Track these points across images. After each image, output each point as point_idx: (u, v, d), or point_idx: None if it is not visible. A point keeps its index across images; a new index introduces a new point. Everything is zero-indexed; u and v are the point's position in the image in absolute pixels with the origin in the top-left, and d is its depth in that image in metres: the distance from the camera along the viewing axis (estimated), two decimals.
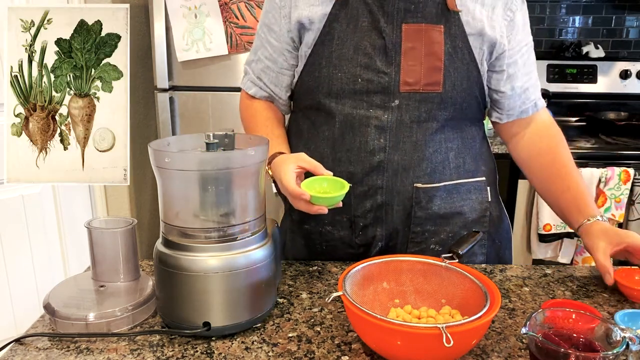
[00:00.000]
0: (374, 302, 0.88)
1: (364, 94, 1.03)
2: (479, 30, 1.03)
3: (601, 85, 2.64)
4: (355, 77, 1.03)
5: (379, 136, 1.03)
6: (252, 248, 0.85)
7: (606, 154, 2.16)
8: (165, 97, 2.15)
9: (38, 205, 2.06)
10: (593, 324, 0.73)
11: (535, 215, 2.13)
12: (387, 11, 1.01)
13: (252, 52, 1.18)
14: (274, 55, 1.12)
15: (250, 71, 1.18)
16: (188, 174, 0.82)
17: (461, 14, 1.02)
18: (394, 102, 1.03)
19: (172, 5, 2.04)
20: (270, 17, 1.10)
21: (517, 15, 1.08)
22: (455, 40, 1.03)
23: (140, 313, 0.90)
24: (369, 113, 1.03)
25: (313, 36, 1.05)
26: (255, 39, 1.16)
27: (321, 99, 1.06)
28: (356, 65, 1.02)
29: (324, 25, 1.04)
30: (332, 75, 1.04)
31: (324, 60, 1.04)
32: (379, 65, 1.02)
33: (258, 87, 1.17)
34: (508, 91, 1.11)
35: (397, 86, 1.02)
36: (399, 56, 1.01)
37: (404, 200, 1.06)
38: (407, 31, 1.01)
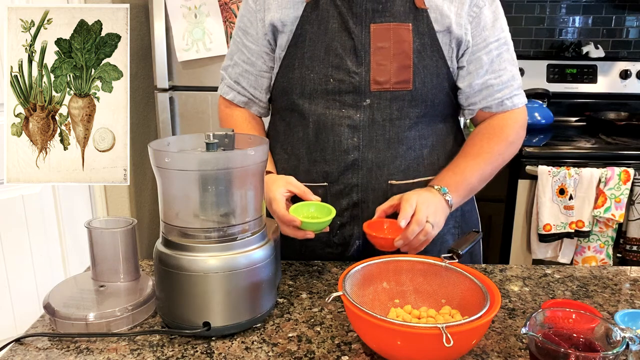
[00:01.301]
0: (374, 302, 0.88)
1: (336, 94, 1.05)
2: (447, 27, 1.04)
3: (601, 85, 2.64)
4: (327, 77, 1.05)
5: (352, 135, 1.05)
6: (252, 248, 0.85)
7: (606, 154, 2.16)
8: (165, 97, 2.15)
9: (38, 205, 2.06)
10: (593, 324, 0.73)
11: (535, 215, 2.13)
12: (355, 12, 1.03)
13: (227, 57, 1.18)
14: (252, 59, 1.13)
15: (227, 76, 1.18)
16: (188, 174, 0.82)
17: (429, 11, 1.03)
18: (365, 102, 1.05)
19: (172, 5, 2.04)
20: (245, 20, 1.12)
21: (484, 11, 1.06)
22: (423, 37, 1.04)
23: (140, 313, 0.89)
24: (342, 113, 1.05)
25: (286, 38, 1.07)
26: (231, 44, 1.17)
27: (295, 99, 1.08)
28: (328, 65, 1.04)
29: (296, 28, 1.06)
30: (304, 76, 1.06)
31: (297, 61, 1.06)
32: (350, 66, 1.04)
33: (236, 91, 1.17)
34: (465, 88, 1.10)
35: (367, 85, 1.04)
36: (368, 56, 1.03)
37: (379, 197, 1.07)
38: (375, 31, 1.03)
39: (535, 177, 2.13)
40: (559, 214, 2.09)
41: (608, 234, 2.10)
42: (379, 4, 1.03)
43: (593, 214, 2.06)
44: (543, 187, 2.09)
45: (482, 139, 1.11)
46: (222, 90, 1.20)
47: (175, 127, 2.20)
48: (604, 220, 2.08)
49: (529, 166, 2.15)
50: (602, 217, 2.06)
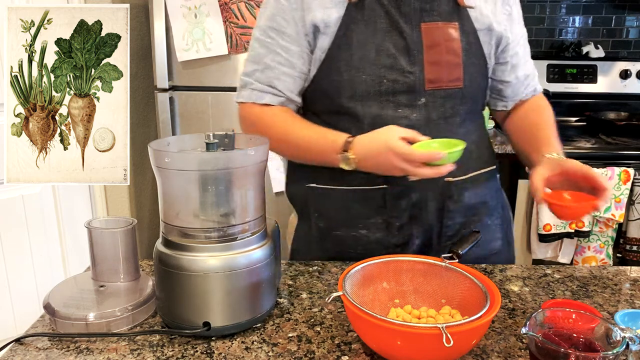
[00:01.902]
0: (374, 302, 0.88)
1: (389, 95, 1.03)
2: (487, 26, 1.08)
3: (601, 85, 2.64)
4: (380, 78, 1.03)
5: None
6: (252, 248, 0.85)
7: (606, 154, 2.16)
8: (165, 97, 2.15)
9: (38, 205, 2.06)
10: (593, 324, 0.73)
11: (535, 215, 2.13)
12: (404, 12, 1.03)
13: (251, 62, 1.10)
14: (291, 60, 1.06)
15: (255, 81, 1.09)
16: (188, 174, 0.82)
17: (470, 10, 1.06)
18: (420, 101, 1.04)
19: (172, 5, 2.04)
20: (279, 20, 1.05)
21: (514, 8, 1.14)
22: (468, 36, 1.06)
23: (140, 313, 0.90)
24: (398, 113, 1.04)
25: (328, 40, 1.03)
26: (255, 47, 1.09)
27: (344, 102, 1.05)
28: (380, 66, 1.02)
29: (339, 29, 1.02)
30: (354, 78, 1.03)
31: (343, 63, 1.03)
32: (404, 65, 1.03)
33: (271, 94, 1.09)
34: (513, 80, 1.17)
35: (422, 84, 1.04)
36: (421, 55, 1.03)
37: (436, 195, 1.07)
38: (426, 30, 1.03)
39: None
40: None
41: (608, 234, 2.10)
42: (426, 3, 1.03)
43: (593, 214, 2.06)
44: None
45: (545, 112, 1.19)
46: (251, 96, 1.09)
47: (175, 127, 2.20)
48: (604, 220, 2.08)
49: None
50: (602, 217, 2.06)
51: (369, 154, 0.97)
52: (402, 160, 0.93)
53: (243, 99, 1.11)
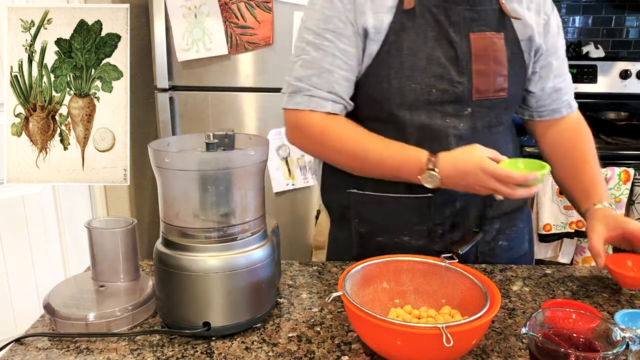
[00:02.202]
0: (374, 302, 0.88)
1: (437, 104, 1.03)
2: (529, 36, 1.08)
3: (601, 85, 2.64)
4: (429, 87, 1.02)
5: (457, 144, 1.03)
6: (252, 248, 0.85)
7: (606, 154, 2.16)
8: (165, 97, 2.15)
9: (38, 205, 2.06)
10: (593, 324, 0.73)
11: (535, 215, 2.13)
12: (454, 21, 1.02)
13: (305, 67, 1.03)
14: (351, 63, 1.03)
15: (312, 87, 1.03)
16: (188, 174, 0.82)
17: (514, 20, 1.06)
18: (466, 110, 1.04)
19: (172, 5, 2.04)
20: (336, 21, 1.02)
21: (552, 18, 1.13)
22: (512, 46, 1.07)
23: (140, 313, 0.89)
24: (446, 123, 1.03)
25: (376, 46, 1.02)
26: (308, 51, 1.03)
27: (393, 110, 1.03)
28: (430, 75, 1.02)
29: (388, 35, 1.01)
30: (404, 86, 1.01)
31: (393, 71, 1.01)
32: (453, 75, 1.02)
33: (332, 101, 1.04)
34: (538, 92, 1.16)
35: (470, 95, 1.04)
36: (469, 65, 1.03)
37: (477, 203, 1.07)
38: (475, 40, 1.03)
39: None
40: (558, 214, 2.09)
41: None
42: (475, 12, 1.03)
43: None
44: (543, 187, 2.08)
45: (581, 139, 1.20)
46: (311, 103, 1.03)
47: (175, 127, 2.20)
48: None
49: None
50: None
51: (457, 172, 0.96)
52: (496, 180, 0.92)
53: (299, 106, 1.04)
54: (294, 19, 2.00)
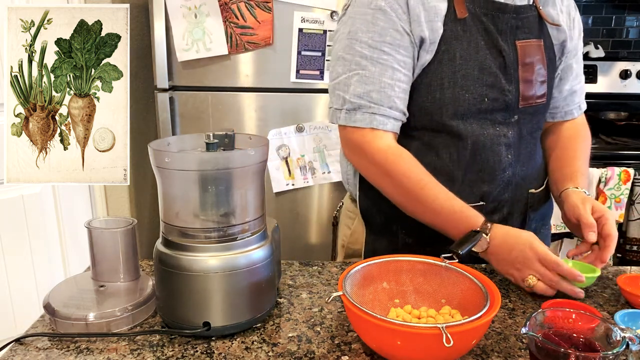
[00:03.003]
0: (374, 302, 0.88)
1: (487, 113, 1.03)
2: (562, 41, 1.10)
3: (601, 85, 2.64)
4: (482, 97, 1.01)
5: (507, 152, 1.05)
6: (252, 248, 0.85)
7: (606, 154, 2.16)
8: (165, 97, 2.15)
9: (38, 205, 2.06)
10: (593, 324, 0.73)
11: None
12: (502, 29, 1.02)
13: (363, 82, 1.00)
14: (409, 75, 1.01)
15: (372, 103, 1.00)
16: (188, 174, 0.82)
17: (549, 26, 1.07)
18: (514, 118, 1.05)
19: (172, 5, 2.04)
20: (392, 33, 0.99)
21: (576, 20, 1.14)
22: (549, 52, 1.08)
23: (140, 313, 0.90)
24: (497, 131, 1.04)
25: (429, 56, 1.00)
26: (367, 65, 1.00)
27: (445, 120, 1.02)
28: (483, 84, 1.01)
29: (440, 44, 1.00)
30: (458, 96, 1.00)
31: (446, 80, 1.00)
32: (503, 84, 1.03)
33: (394, 119, 1.02)
34: (555, 94, 1.16)
35: (517, 102, 1.05)
36: (517, 73, 1.04)
37: (521, 206, 1.09)
38: (521, 47, 1.03)
39: None
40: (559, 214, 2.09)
41: None
42: (519, 20, 1.03)
43: None
44: None
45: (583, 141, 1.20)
46: (374, 122, 1.00)
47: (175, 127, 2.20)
48: None
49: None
50: None
51: (506, 244, 0.95)
52: (542, 265, 0.92)
53: (360, 123, 1.02)
54: (294, 19, 2.00)
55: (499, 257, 0.96)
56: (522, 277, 0.94)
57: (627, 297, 0.97)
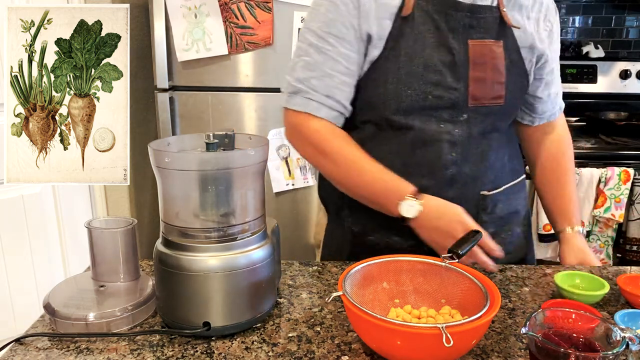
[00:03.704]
0: (374, 302, 0.88)
1: (432, 110, 1.04)
2: (530, 44, 1.09)
3: (601, 85, 2.64)
4: (425, 94, 1.02)
5: (450, 150, 1.05)
6: (252, 248, 0.85)
7: (606, 154, 2.16)
8: (165, 97, 2.15)
9: (38, 205, 2.06)
10: (593, 324, 0.73)
11: (535, 215, 2.13)
12: (453, 27, 1.03)
13: (307, 69, 1.04)
14: (351, 69, 1.04)
15: (310, 89, 1.04)
16: (188, 174, 0.82)
17: (514, 29, 1.07)
18: (462, 117, 1.05)
19: (172, 5, 2.04)
20: (339, 26, 1.02)
21: (555, 25, 1.15)
22: (511, 54, 1.07)
23: (140, 313, 0.90)
24: (440, 128, 1.04)
25: (377, 52, 1.03)
26: (310, 52, 1.04)
27: (388, 115, 1.04)
28: (426, 82, 1.02)
29: (388, 41, 1.02)
30: (400, 92, 1.02)
31: (390, 76, 1.02)
32: (449, 82, 1.03)
33: (328, 107, 1.05)
34: (545, 97, 1.19)
35: (465, 101, 1.04)
36: (466, 72, 1.03)
37: (470, 207, 1.06)
38: (473, 47, 1.03)
39: None
40: None
41: (608, 234, 2.10)
42: (474, 19, 1.03)
43: (593, 214, 2.06)
44: None
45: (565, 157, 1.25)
46: (308, 106, 1.05)
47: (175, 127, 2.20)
48: (604, 220, 2.08)
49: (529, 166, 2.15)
50: (602, 217, 2.06)
51: (437, 212, 0.99)
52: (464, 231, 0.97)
53: (297, 107, 1.06)
54: (294, 19, 2.00)
55: (428, 224, 1.00)
56: (446, 246, 0.95)
57: (627, 297, 0.97)
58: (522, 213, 1.19)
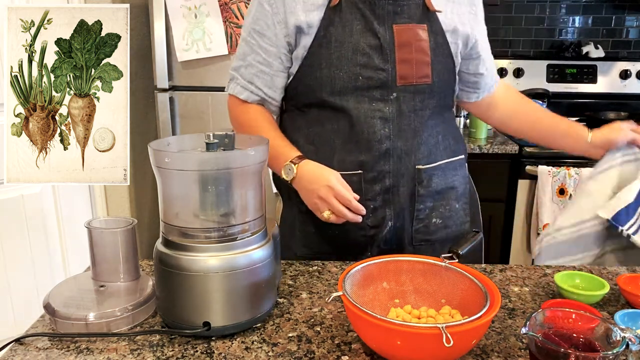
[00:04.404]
0: (374, 302, 0.88)
1: (365, 90, 1.13)
2: (453, 28, 1.18)
3: (601, 85, 2.64)
4: (356, 75, 1.12)
5: (383, 126, 1.14)
6: (252, 248, 0.85)
7: None
8: (165, 97, 2.15)
9: (38, 205, 2.06)
10: (593, 324, 0.73)
11: (535, 215, 2.13)
12: (378, 14, 1.12)
13: (238, 58, 1.22)
14: (268, 60, 1.17)
15: (239, 76, 1.22)
16: (188, 174, 0.82)
17: (438, 13, 1.15)
18: (392, 95, 1.14)
19: (172, 5, 2.04)
20: (261, 23, 1.16)
21: (479, 8, 1.25)
22: (436, 37, 1.16)
23: (140, 313, 0.90)
24: (372, 106, 1.13)
25: (309, 39, 1.13)
26: (242, 45, 1.21)
27: (325, 97, 1.14)
28: (356, 64, 1.12)
29: (319, 29, 1.12)
30: (333, 75, 1.12)
31: (323, 61, 1.12)
32: (377, 63, 1.12)
33: (249, 91, 1.21)
34: (485, 72, 1.29)
35: (394, 81, 1.13)
36: (393, 54, 1.12)
37: (408, 181, 1.16)
38: (398, 31, 1.13)
39: (535, 177, 2.13)
40: (559, 214, 2.09)
41: None
42: (398, 6, 1.13)
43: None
44: (543, 187, 2.09)
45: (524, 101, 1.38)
46: (235, 89, 1.23)
47: (175, 127, 2.20)
48: None
49: (529, 166, 2.15)
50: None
51: (310, 175, 1.10)
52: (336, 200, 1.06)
53: (230, 91, 1.24)
54: None
55: (303, 187, 1.11)
56: (321, 210, 1.08)
57: (627, 297, 0.97)
58: (460, 190, 1.25)
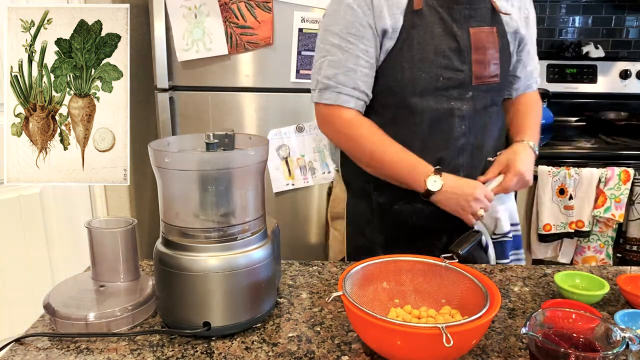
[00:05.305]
0: (374, 302, 0.88)
1: (444, 90, 1.20)
2: (515, 29, 1.26)
3: (601, 85, 2.64)
4: (437, 76, 1.19)
5: (460, 123, 1.21)
6: (252, 248, 0.85)
7: (606, 154, 2.16)
8: (165, 97, 2.15)
9: (38, 205, 2.06)
10: (593, 324, 0.73)
11: (535, 215, 2.13)
12: (456, 18, 1.19)
13: (332, 67, 1.19)
14: (371, 62, 1.20)
15: (339, 84, 1.19)
16: (188, 174, 0.82)
17: (503, 16, 1.23)
18: (468, 94, 1.21)
19: (172, 5, 2.04)
20: (357, 26, 1.17)
21: (530, 12, 1.33)
22: (502, 38, 1.25)
23: (140, 313, 0.90)
24: (451, 105, 1.21)
25: (392, 43, 1.18)
26: (336, 52, 1.18)
27: (406, 97, 1.19)
28: (437, 66, 1.18)
29: (401, 33, 1.17)
30: (416, 76, 1.18)
31: (405, 63, 1.18)
32: (456, 65, 1.19)
33: (356, 98, 1.20)
34: (522, 75, 1.37)
35: (470, 80, 1.21)
36: (470, 55, 1.20)
37: (479, 173, 1.25)
38: (474, 34, 1.20)
39: (535, 177, 2.12)
40: (559, 214, 2.09)
41: (608, 234, 2.10)
42: (473, 10, 1.20)
43: (593, 214, 2.06)
44: (543, 187, 2.08)
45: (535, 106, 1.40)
46: (338, 99, 1.20)
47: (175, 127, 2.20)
48: (603, 220, 2.07)
49: None
50: (602, 217, 2.06)
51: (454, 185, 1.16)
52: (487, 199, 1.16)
53: (328, 101, 1.21)
54: (294, 19, 2.00)
55: (452, 194, 1.17)
56: (473, 211, 1.16)
57: (627, 297, 0.97)
58: None
